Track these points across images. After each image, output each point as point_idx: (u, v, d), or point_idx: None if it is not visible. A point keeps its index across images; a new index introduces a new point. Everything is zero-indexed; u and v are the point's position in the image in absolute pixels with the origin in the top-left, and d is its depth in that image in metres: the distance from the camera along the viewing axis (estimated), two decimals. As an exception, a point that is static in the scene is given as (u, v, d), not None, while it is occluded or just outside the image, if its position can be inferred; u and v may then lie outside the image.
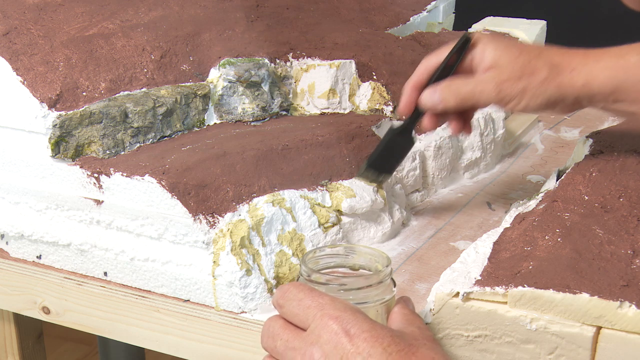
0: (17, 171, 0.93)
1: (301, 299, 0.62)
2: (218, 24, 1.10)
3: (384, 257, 0.68)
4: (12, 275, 0.97)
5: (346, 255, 0.70)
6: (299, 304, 0.62)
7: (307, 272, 0.66)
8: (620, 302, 0.65)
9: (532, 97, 0.82)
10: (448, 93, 0.85)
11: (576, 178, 0.84)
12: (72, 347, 2.23)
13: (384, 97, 1.07)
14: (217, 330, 0.85)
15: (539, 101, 0.82)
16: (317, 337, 0.60)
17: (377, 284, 0.66)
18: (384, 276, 0.66)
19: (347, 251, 0.70)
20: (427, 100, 0.87)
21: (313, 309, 0.61)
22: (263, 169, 0.90)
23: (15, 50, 0.94)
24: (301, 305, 0.62)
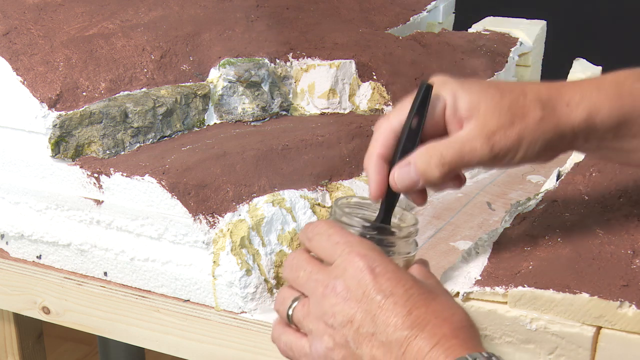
0: (17, 171, 0.93)
1: (331, 234, 0.63)
2: (218, 24, 1.10)
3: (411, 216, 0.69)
4: (12, 275, 0.97)
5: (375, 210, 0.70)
6: (329, 238, 0.63)
7: (340, 213, 0.67)
8: (620, 302, 0.65)
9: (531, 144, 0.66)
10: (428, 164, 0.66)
11: (576, 178, 0.84)
12: (72, 347, 2.23)
13: (384, 97, 1.07)
14: (217, 330, 0.85)
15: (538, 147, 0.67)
16: (342, 271, 0.61)
17: (402, 238, 0.67)
18: (409, 233, 0.68)
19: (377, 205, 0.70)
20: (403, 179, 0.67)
21: (342, 244, 0.62)
22: (263, 169, 0.90)
23: (15, 50, 0.94)
24: (330, 240, 0.63)
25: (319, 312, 0.62)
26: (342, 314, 0.60)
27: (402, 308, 0.59)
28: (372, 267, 0.61)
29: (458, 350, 0.57)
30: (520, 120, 0.65)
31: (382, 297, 0.60)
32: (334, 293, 0.61)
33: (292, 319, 0.64)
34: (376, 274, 0.60)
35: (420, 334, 0.58)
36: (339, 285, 0.61)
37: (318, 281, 0.62)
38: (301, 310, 0.63)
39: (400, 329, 0.58)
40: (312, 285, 0.63)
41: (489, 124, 0.65)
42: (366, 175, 0.70)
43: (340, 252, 0.62)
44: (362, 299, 0.60)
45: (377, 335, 0.59)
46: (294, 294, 0.64)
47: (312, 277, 0.63)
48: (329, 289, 0.61)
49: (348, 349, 0.60)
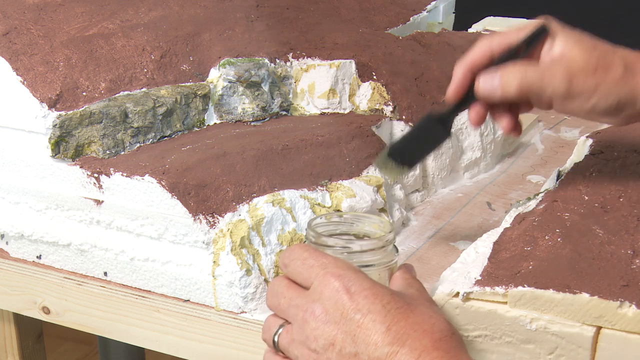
0: (17, 171, 0.93)
1: (305, 258, 0.64)
2: (218, 24, 1.10)
3: (387, 224, 0.70)
4: (12, 275, 0.97)
5: (351, 223, 0.71)
6: (303, 262, 0.64)
7: (313, 236, 0.68)
8: (620, 302, 0.65)
9: (604, 96, 0.73)
10: (511, 77, 0.73)
11: (576, 178, 0.84)
12: (72, 347, 2.23)
13: (384, 97, 1.07)
14: (217, 330, 0.85)
15: (610, 102, 0.73)
16: (319, 294, 0.61)
17: (379, 248, 0.67)
18: (386, 241, 0.68)
19: (352, 219, 0.72)
20: (485, 85, 0.75)
21: (316, 267, 0.63)
22: (263, 169, 0.90)
23: (15, 50, 0.94)
24: (305, 264, 0.63)
25: (301, 337, 0.62)
26: (323, 337, 0.61)
27: (380, 325, 0.59)
28: (348, 287, 0.61)
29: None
30: (602, 71, 0.72)
31: (360, 316, 0.60)
32: (314, 317, 0.61)
33: (278, 346, 0.64)
34: (352, 293, 0.60)
35: (401, 349, 0.58)
36: (317, 308, 0.61)
37: (298, 307, 0.63)
38: (285, 337, 0.64)
39: (380, 347, 0.58)
40: (293, 312, 0.63)
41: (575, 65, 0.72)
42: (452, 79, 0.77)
43: (316, 275, 0.62)
44: (340, 320, 0.60)
45: (359, 355, 0.59)
46: (279, 321, 0.65)
47: (292, 303, 0.63)
48: (309, 313, 0.61)
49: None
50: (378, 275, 0.67)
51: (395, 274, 0.68)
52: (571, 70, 0.73)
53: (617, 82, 0.73)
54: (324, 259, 0.63)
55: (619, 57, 0.73)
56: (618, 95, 0.73)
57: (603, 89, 0.73)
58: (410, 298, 0.63)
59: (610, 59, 0.73)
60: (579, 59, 0.73)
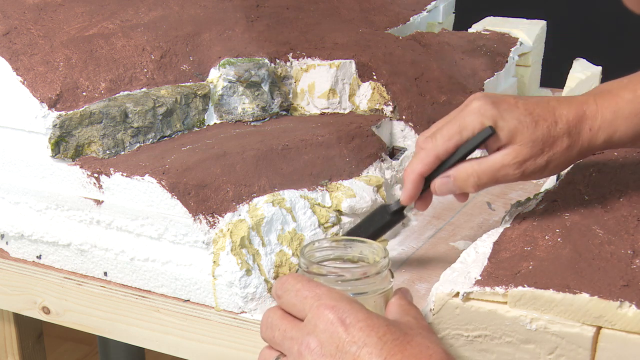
0: (17, 171, 0.93)
1: (299, 289, 0.63)
2: (218, 24, 1.10)
3: (381, 249, 0.69)
4: (12, 275, 0.97)
5: (344, 248, 0.71)
6: (297, 294, 0.63)
7: (305, 264, 0.67)
8: (620, 302, 0.65)
9: (556, 167, 0.79)
10: (466, 181, 0.79)
11: (576, 178, 0.84)
12: (72, 347, 2.23)
13: (384, 97, 1.07)
14: (217, 330, 0.85)
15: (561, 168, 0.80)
16: (313, 326, 0.61)
17: (374, 274, 0.66)
18: (381, 267, 0.67)
19: (345, 244, 0.71)
20: (442, 188, 0.80)
21: (310, 299, 0.62)
22: (263, 169, 0.90)
23: (15, 50, 0.94)
24: (299, 296, 0.63)
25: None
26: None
27: (377, 358, 0.58)
28: (343, 319, 0.60)
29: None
30: (549, 149, 0.77)
31: (356, 349, 0.59)
32: (309, 350, 0.60)
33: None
34: (347, 325, 0.60)
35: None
36: (312, 341, 0.60)
37: (292, 339, 0.62)
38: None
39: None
40: (288, 344, 0.62)
41: (523, 153, 0.77)
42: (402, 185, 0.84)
43: (310, 307, 0.62)
44: (336, 354, 0.60)
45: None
46: (274, 354, 0.64)
47: (287, 336, 0.63)
48: (304, 346, 0.61)
49: None
50: (374, 302, 0.66)
51: (390, 300, 0.67)
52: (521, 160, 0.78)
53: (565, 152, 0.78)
54: (318, 290, 0.62)
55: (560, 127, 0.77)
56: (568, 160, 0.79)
57: (554, 163, 0.78)
58: (406, 327, 0.62)
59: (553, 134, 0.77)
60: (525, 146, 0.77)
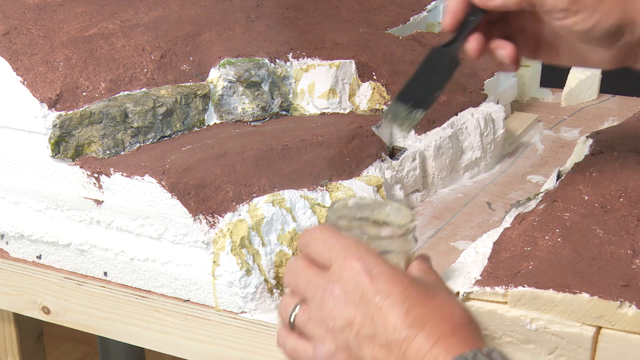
0: (17, 171, 0.93)
1: (326, 239, 0.64)
2: (218, 24, 1.10)
3: (408, 213, 0.69)
4: (12, 275, 0.97)
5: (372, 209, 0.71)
6: (324, 243, 0.64)
7: (334, 218, 0.67)
8: (620, 302, 0.65)
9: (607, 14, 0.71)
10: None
11: (576, 178, 0.84)
12: (72, 347, 2.23)
13: (384, 97, 1.07)
14: (217, 330, 0.85)
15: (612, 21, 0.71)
16: (339, 275, 0.62)
17: (399, 236, 0.67)
18: (406, 230, 0.67)
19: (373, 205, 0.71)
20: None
21: (337, 249, 0.63)
22: (263, 169, 0.90)
23: (15, 50, 0.94)
24: (326, 245, 0.63)
25: (319, 316, 0.62)
26: (341, 317, 0.61)
27: (400, 308, 0.59)
28: (369, 269, 0.61)
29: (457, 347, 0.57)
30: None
31: (380, 299, 0.60)
32: (333, 297, 0.61)
33: (294, 324, 0.64)
34: (373, 276, 0.61)
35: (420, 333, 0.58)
36: (337, 289, 0.61)
37: (317, 286, 0.63)
38: (302, 316, 0.64)
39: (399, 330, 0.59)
40: (312, 291, 0.63)
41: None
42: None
43: (337, 256, 0.62)
44: (360, 302, 0.60)
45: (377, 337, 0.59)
46: (295, 300, 0.65)
47: (311, 283, 0.63)
48: (328, 293, 0.62)
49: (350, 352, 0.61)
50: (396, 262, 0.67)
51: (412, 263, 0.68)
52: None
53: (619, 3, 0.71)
54: (345, 241, 0.63)
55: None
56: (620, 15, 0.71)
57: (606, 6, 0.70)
58: (429, 284, 0.63)
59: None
60: None
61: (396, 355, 0.59)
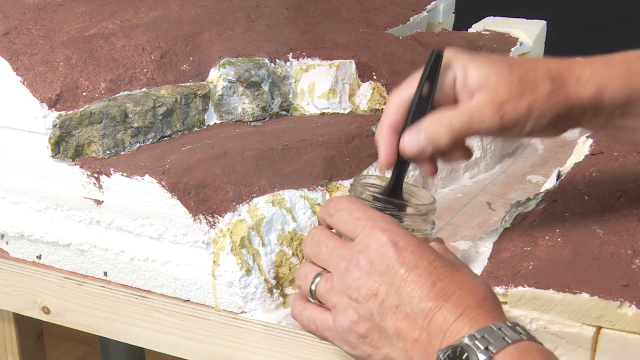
0: (17, 171, 0.93)
1: (353, 210, 0.64)
2: (218, 24, 1.10)
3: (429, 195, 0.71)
4: (12, 275, 0.97)
5: None
6: (350, 214, 0.64)
7: (359, 191, 0.68)
8: (620, 302, 0.65)
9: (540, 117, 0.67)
10: (437, 130, 0.67)
11: (576, 178, 0.84)
12: (72, 347, 2.23)
13: (384, 97, 1.07)
14: (217, 330, 0.85)
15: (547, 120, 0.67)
16: (365, 245, 0.62)
17: (421, 215, 0.68)
18: (427, 210, 0.68)
19: None
20: (412, 144, 0.68)
21: (364, 220, 0.63)
22: (263, 169, 0.90)
23: (15, 50, 0.94)
24: (352, 216, 0.64)
25: (342, 286, 0.62)
26: (366, 287, 0.61)
27: (426, 280, 0.59)
28: (395, 241, 0.61)
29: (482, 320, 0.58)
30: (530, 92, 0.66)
31: (405, 270, 0.60)
32: (358, 267, 0.61)
33: (314, 294, 0.64)
34: (399, 248, 0.61)
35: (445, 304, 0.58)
36: (362, 259, 0.61)
37: (341, 256, 0.63)
38: (324, 285, 0.64)
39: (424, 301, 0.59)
40: (335, 261, 0.63)
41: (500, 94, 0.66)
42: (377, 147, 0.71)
43: (363, 227, 0.62)
44: (385, 272, 0.60)
45: (401, 307, 0.60)
46: (316, 269, 0.65)
47: (335, 253, 0.63)
48: (353, 263, 0.62)
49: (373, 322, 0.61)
50: None
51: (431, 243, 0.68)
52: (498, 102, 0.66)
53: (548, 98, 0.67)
54: (372, 213, 0.64)
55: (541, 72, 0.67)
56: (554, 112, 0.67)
57: (536, 111, 0.66)
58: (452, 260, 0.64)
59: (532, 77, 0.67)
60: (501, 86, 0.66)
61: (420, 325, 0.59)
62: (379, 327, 0.61)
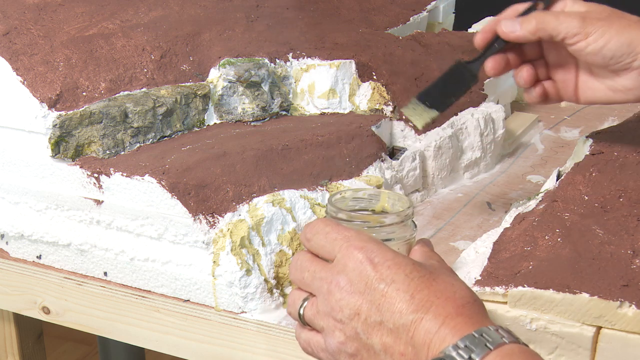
0: (17, 171, 0.93)
1: (328, 232, 0.65)
2: (218, 24, 1.10)
3: (405, 200, 0.71)
4: (12, 275, 0.97)
5: (370, 199, 0.73)
6: (326, 236, 0.65)
7: (334, 211, 0.69)
8: (620, 302, 0.65)
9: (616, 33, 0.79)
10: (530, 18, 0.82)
11: (576, 178, 0.84)
12: (72, 347, 2.23)
13: (384, 97, 1.07)
14: (217, 330, 0.85)
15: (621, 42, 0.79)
16: (343, 266, 0.63)
17: (398, 223, 0.68)
18: (405, 216, 0.69)
19: (371, 195, 0.73)
20: (507, 24, 0.83)
21: (339, 240, 0.64)
22: (263, 169, 0.90)
23: (15, 50, 0.94)
24: (328, 238, 0.65)
25: (327, 308, 0.63)
26: (348, 307, 0.62)
27: (404, 293, 0.60)
28: (371, 258, 0.62)
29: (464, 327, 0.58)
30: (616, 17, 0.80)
31: (384, 286, 0.61)
32: (338, 288, 0.62)
33: (304, 319, 0.66)
34: (375, 264, 0.62)
35: (426, 316, 0.59)
36: (341, 280, 0.62)
37: (322, 279, 0.64)
38: (310, 309, 0.65)
39: (405, 314, 0.60)
40: (317, 284, 0.64)
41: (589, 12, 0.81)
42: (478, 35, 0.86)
43: (340, 248, 0.63)
44: (365, 290, 0.61)
45: (384, 323, 0.60)
46: (303, 294, 0.66)
47: (317, 276, 0.64)
48: (333, 284, 0.63)
49: (359, 341, 0.62)
50: (397, 249, 0.68)
51: (414, 247, 0.69)
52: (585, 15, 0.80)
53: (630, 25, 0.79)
54: (346, 232, 0.64)
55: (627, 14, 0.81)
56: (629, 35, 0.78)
57: (615, 27, 0.79)
58: (431, 267, 0.64)
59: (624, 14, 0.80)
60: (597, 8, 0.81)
61: (404, 339, 0.59)
62: (366, 346, 0.62)
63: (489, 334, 0.57)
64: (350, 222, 0.68)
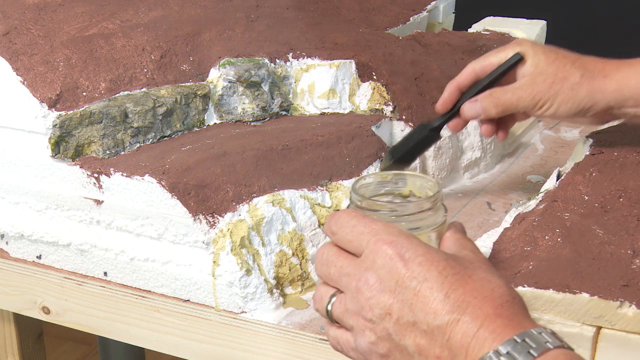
0: (17, 171, 0.94)
1: (354, 225, 0.61)
2: (218, 24, 1.10)
3: (433, 183, 0.67)
4: (12, 275, 0.97)
5: (395, 183, 0.68)
6: (352, 230, 0.61)
7: (358, 199, 0.65)
8: (620, 302, 0.65)
9: (563, 102, 0.87)
10: (489, 103, 0.91)
11: (576, 178, 0.84)
12: (72, 347, 2.23)
13: (384, 97, 1.07)
14: (217, 330, 0.85)
15: (569, 106, 0.88)
16: (371, 262, 0.59)
17: (428, 209, 0.64)
18: (434, 201, 0.65)
19: (397, 178, 0.69)
20: (470, 110, 0.92)
21: (367, 234, 0.60)
22: (263, 169, 0.90)
23: (15, 50, 0.94)
24: (354, 232, 0.61)
25: (356, 307, 0.60)
26: (378, 306, 0.59)
27: (438, 292, 0.57)
28: (401, 254, 0.58)
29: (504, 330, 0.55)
30: (560, 82, 0.87)
31: (416, 284, 0.57)
32: (367, 286, 0.59)
33: (332, 316, 0.62)
34: (406, 260, 0.58)
35: (462, 317, 0.56)
36: (370, 277, 0.59)
37: (350, 275, 0.60)
38: (339, 307, 0.62)
39: (440, 316, 0.56)
40: (345, 281, 0.61)
41: (537, 82, 0.88)
42: None
43: (367, 242, 0.60)
44: (396, 289, 0.58)
45: (418, 325, 0.57)
46: (330, 290, 0.63)
47: (344, 272, 0.61)
48: (362, 282, 0.59)
49: (392, 341, 0.59)
50: (427, 237, 0.64)
51: (445, 235, 0.65)
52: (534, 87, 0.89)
53: (573, 88, 0.87)
54: (374, 225, 0.61)
55: (577, 66, 0.87)
56: (576, 100, 0.87)
57: (560, 97, 0.87)
58: (465, 262, 0.60)
59: (567, 69, 0.88)
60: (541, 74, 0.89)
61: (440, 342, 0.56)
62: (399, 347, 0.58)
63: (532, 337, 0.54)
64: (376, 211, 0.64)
